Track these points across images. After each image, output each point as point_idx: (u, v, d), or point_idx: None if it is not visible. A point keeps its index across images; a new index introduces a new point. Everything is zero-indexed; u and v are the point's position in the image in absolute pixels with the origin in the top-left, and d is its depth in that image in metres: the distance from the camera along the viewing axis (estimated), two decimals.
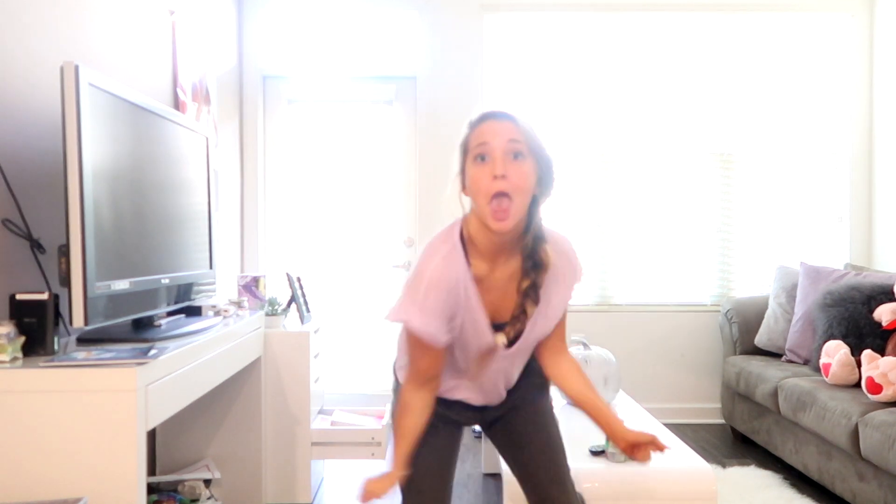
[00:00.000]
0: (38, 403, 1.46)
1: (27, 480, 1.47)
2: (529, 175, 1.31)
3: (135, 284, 1.85)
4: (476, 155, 1.33)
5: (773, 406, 3.03)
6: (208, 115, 3.26)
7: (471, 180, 1.34)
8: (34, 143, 1.91)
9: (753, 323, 3.56)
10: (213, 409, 2.64)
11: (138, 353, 1.59)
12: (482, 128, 1.33)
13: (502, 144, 1.30)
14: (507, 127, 1.32)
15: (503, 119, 1.33)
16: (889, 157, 3.80)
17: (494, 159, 1.30)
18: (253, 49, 3.87)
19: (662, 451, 1.45)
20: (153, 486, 2.46)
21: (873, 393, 2.52)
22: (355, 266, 3.97)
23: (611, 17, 3.93)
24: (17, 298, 1.61)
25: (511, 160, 1.30)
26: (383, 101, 3.96)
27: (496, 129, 1.32)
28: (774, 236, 3.99)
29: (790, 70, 3.96)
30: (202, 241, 2.41)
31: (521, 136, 1.31)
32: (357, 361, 3.98)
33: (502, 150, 1.30)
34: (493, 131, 1.31)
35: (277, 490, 2.71)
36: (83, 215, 1.60)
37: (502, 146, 1.30)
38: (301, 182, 3.96)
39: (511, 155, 1.30)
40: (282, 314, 2.77)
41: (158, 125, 2.06)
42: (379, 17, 3.93)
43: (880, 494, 2.36)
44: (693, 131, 3.96)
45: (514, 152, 1.31)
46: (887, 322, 2.83)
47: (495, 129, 1.32)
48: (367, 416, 3.01)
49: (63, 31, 2.06)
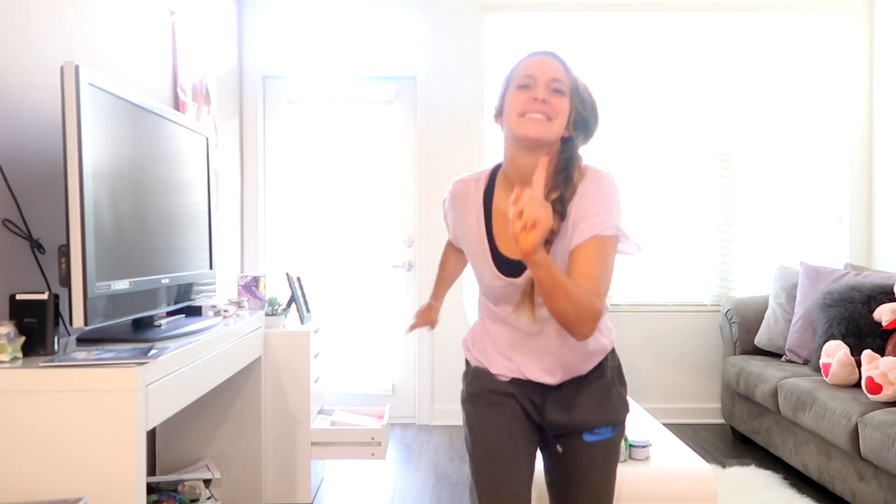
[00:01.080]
0: (38, 403, 1.46)
1: (27, 480, 1.47)
2: (565, 109, 1.40)
3: (135, 284, 1.85)
4: (520, 84, 1.40)
5: (772, 406, 3.03)
6: (208, 115, 3.26)
7: (510, 103, 1.41)
8: (34, 143, 1.91)
9: (753, 323, 3.56)
10: (213, 409, 2.64)
11: (138, 353, 1.59)
12: (531, 61, 1.41)
13: (546, 79, 1.38)
14: (553, 65, 1.40)
15: (551, 57, 1.41)
16: (889, 157, 3.80)
17: (538, 86, 1.38)
18: (253, 49, 3.88)
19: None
20: (153, 486, 2.46)
21: (873, 393, 2.52)
22: (355, 266, 3.97)
23: (611, 17, 3.93)
24: (17, 298, 1.61)
25: (552, 93, 1.38)
26: (383, 101, 3.96)
27: (544, 64, 1.40)
28: (774, 236, 3.99)
29: (790, 70, 3.96)
30: (202, 241, 2.41)
31: (565, 76, 1.40)
32: (357, 361, 3.98)
33: (545, 82, 1.38)
34: (540, 66, 1.40)
35: (277, 490, 2.71)
36: (83, 215, 1.60)
37: (546, 80, 1.38)
38: (301, 182, 3.96)
39: (551, 90, 1.38)
40: (282, 314, 2.77)
41: (158, 125, 2.06)
42: (379, 17, 3.93)
43: (880, 494, 2.36)
44: (693, 131, 3.96)
45: (555, 89, 1.38)
46: (887, 322, 2.83)
47: (543, 64, 1.40)
48: (367, 416, 3.01)
49: (63, 31, 2.06)
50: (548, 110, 1.37)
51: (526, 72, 1.40)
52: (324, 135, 3.96)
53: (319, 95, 3.94)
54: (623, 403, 1.56)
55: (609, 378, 1.55)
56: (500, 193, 1.49)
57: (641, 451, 2.05)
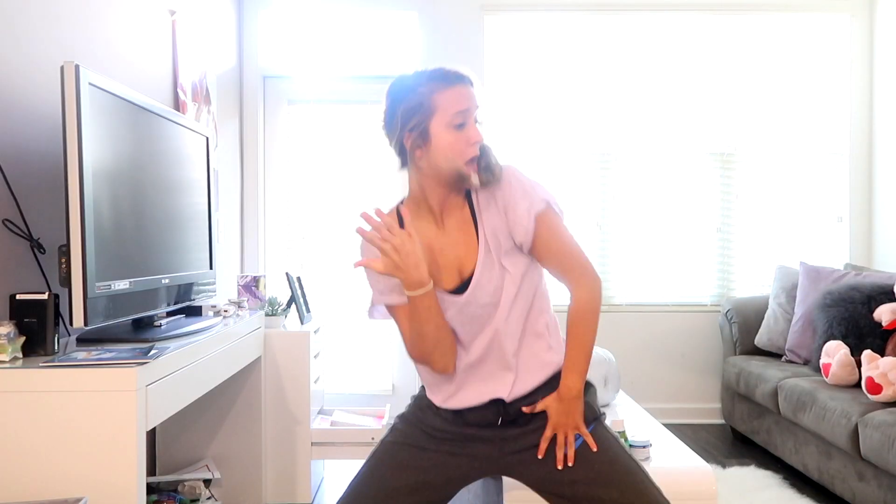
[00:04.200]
0: (38, 403, 1.46)
1: (27, 480, 1.47)
2: None
3: (135, 284, 1.85)
4: (456, 123, 1.36)
5: (773, 406, 3.03)
6: (208, 115, 3.26)
7: (448, 145, 1.36)
8: (34, 143, 1.91)
9: (753, 323, 3.56)
10: (213, 409, 2.64)
11: (138, 353, 1.59)
12: (457, 92, 1.36)
13: (472, 112, 1.38)
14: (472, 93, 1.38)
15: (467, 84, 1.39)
16: (889, 157, 3.80)
17: (471, 126, 1.37)
18: (253, 49, 3.87)
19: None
20: (153, 486, 2.46)
21: (873, 393, 2.52)
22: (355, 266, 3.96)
23: (611, 17, 3.93)
24: (17, 298, 1.61)
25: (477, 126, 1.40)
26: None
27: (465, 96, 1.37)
28: (774, 236, 4.00)
29: (790, 70, 3.96)
30: (202, 241, 2.41)
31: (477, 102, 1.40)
32: (357, 361, 3.98)
33: (472, 118, 1.38)
34: (464, 97, 1.37)
35: (277, 490, 2.71)
36: (83, 215, 1.60)
37: (472, 114, 1.38)
38: (301, 182, 3.96)
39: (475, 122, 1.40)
40: (282, 314, 2.77)
41: (159, 125, 2.06)
42: (379, 17, 3.93)
43: (880, 494, 2.36)
44: (693, 131, 3.96)
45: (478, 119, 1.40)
46: (887, 322, 2.83)
47: (464, 95, 1.37)
48: (367, 416, 3.01)
49: (63, 31, 2.06)
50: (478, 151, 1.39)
51: (458, 106, 1.35)
52: (324, 135, 3.96)
53: (319, 95, 3.94)
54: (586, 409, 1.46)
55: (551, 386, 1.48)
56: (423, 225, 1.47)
57: (641, 451, 2.05)
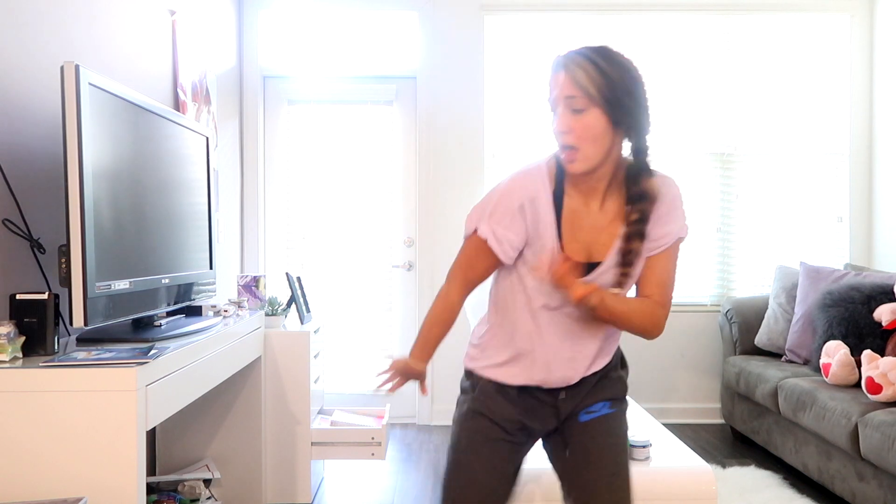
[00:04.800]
0: (38, 403, 1.46)
1: (27, 480, 1.47)
2: (593, 125, 1.29)
3: (135, 284, 1.85)
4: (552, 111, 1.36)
5: (772, 406, 3.03)
6: (208, 115, 3.26)
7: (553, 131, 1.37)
8: (34, 143, 1.91)
9: (753, 323, 3.56)
10: (213, 409, 2.64)
11: (138, 353, 1.59)
12: (551, 78, 1.35)
13: (561, 100, 1.31)
14: (562, 81, 1.31)
15: (558, 71, 1.32)
16: (889, 157, 3.80)
17: (558, 109, 1.33)
18: (253, 49, 3.88)
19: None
20: (153, 486, 2.46)
21: (873, 393, 2.52)
22: (355, 266, 3.97)
23: (611, 17, 3.93)
24: (17, 298, 1.61)
25: (570, 114, 1.30)
26: (383, 102, 3.96)
27: (555, 83, 1.33)
28: (774, 236, 3.99)
29: (790, 70, 3.96)
30: (202, 241, 2.41)
31: (578, 89, 1.28)
32: (357, 361, 3.98)
33: (562, 105, 1.31)
34: (554, 84, 1.33)
35: (277, 490, 2.71)
36: (83, 215, 1.60)
37: (561, 102, 1.31)
38: (301, 182, 3.96)
39: (570, 110, 1.30)
40: (282, 314, 2.77)
41: (159, 125, 2.06)
42: (379, 18, 3.93)
43: (880, 494, 2.36)
44: (693, 131, 3.96)
45: (573, 108, 1.30)
46: (887, 322, 2.83)
47: (555, 82, 1.33)
48: (367, 416, 3.01)
49: (63, 31, 2.06)
50: (570, 140, 1.31)
51: (549, 90, 1.35)
52: (324, 135, 3.96)
53: (319, 95, 3.94)
54: (621, 383, 1.54)
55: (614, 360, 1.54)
56: (571, 192, 1.39)
57: (641, 451, 2.05)
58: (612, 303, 1.33)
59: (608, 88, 1.28)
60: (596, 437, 1.46)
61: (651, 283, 1.40)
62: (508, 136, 3.91)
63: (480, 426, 1.47)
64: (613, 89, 1.28)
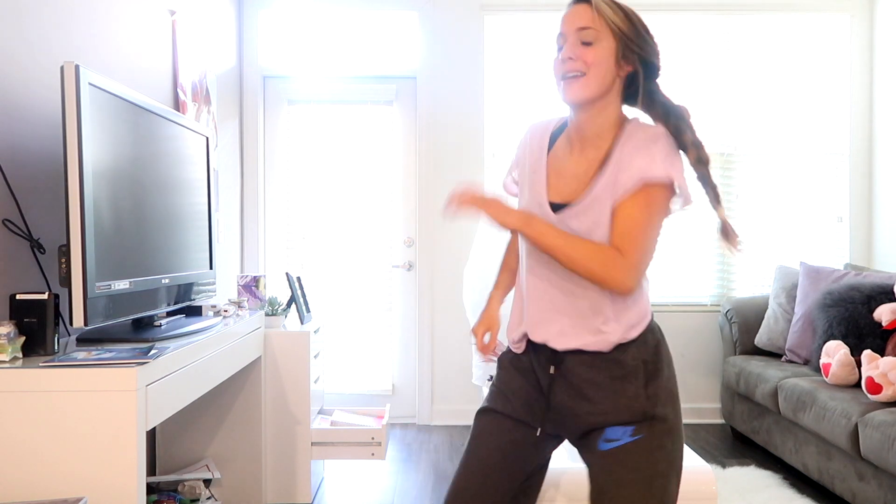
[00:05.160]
0: (38, 403, 1.46)
1: (27, 480, 1.47)
2: (602, 55, 1.32)
3: (135, 284, 1.85)
4: (557, 46, 1.37)
5: (772, 406, 3.03)
6: (208, 115, 3.26)
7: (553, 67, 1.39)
8: (34, 143, 1.91)
9: (753, 323, 3.56)
10: (213, 409, 2.64)
11: (138, 353, 1.59)
12: (562, 16, 1.37)
13: (573, 32, 1.33)
14: (577, 13, 1.33)
15: (580, 3, 1.34)
16: (889, 157, 3.80)
17: (567, 43, 1.34)
18: (253, 49, 3.88)
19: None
20: (153, 486, 2.46)
21: (873, 393, 2.52)
22: (355, 266, 3.97)
23: None
24: (17, 298, 1.61)
25: (580, 47, 1.32)
26: (383, 102, 3.96)
27: (568, 17, 1.35)
28: (774, 236, 4.00)
29: (790, 70, 3.96)
30: (202, 241, 2.41)
31: (592, 21, 1.31)
32: (357, 361, 3.98)
33: (573, 37, 1.33)
34: (566, 20, 1.35)
35: (277, 490, 2.71)
36: (83, 215, 1.60)
37: (573, 34, 1.33)
38: (301, 182, 3.96)
39: (580, 42, 1.32)
40: (282, 314, 2.77)
41: (159, 125, 2.06)
42: (379, 18, 3.93)
43: (880, 494, 2.36)
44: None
45: (583, 40, 1.32)
46: (887, 322, 2.83)
47: (568, 16, 1.35)
48: (367, 416, 3.01)
49: (63, 31, 2.06)
50: (577, 66, 1.32)
51: (559, 30, 1.36)
52: (324, 135, 3.96)
53: (319, 95, 3.94)
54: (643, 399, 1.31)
55: (630, 368, 1.32)
56: (559, 143, 1.45)
57: None
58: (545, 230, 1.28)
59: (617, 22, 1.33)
60: (614, 473, 1.29)
61: (614, 231, 1.30)
62: (508, 136, 3.91)
63: (489, 418, 1.48)
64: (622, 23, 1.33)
